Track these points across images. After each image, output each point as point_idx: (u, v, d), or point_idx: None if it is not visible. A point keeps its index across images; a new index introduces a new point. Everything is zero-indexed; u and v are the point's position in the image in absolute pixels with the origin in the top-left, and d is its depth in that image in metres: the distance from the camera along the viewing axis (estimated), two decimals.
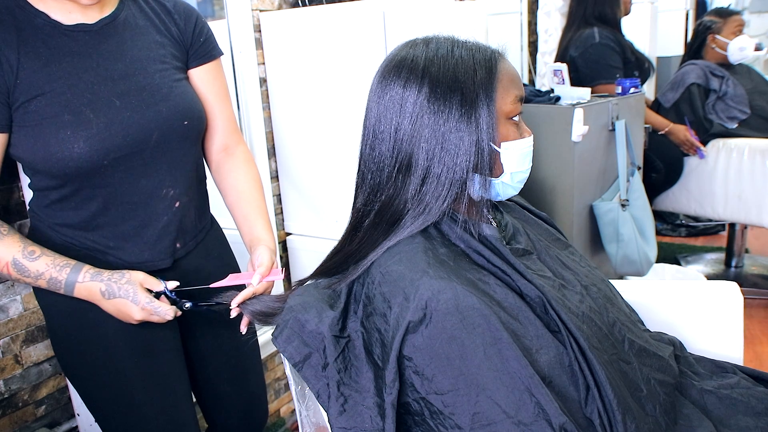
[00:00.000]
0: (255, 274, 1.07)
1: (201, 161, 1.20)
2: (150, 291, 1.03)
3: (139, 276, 1.02)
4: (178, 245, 1.14)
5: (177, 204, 1.11)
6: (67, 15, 0.99)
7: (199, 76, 1.17)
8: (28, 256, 0.98)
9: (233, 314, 1.04)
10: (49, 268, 0.98)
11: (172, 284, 1.05)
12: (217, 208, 1.28)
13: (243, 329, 1.07)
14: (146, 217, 1.08)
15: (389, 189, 0.87)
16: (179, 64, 1.13)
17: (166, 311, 1.02)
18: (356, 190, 0.93)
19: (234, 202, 1.20)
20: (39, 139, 0.96)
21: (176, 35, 1.12)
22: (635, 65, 2.50)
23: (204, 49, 1.16)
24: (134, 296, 1.00)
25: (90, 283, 1.00)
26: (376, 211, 0.88)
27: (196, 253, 1.18)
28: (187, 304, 1.06)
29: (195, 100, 1.13)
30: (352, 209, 0.94)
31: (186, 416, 1.16)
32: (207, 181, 1.25)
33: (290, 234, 2.00)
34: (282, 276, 1.09)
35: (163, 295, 1.04)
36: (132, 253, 1.08)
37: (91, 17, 1.01)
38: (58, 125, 0.96)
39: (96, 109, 0.98)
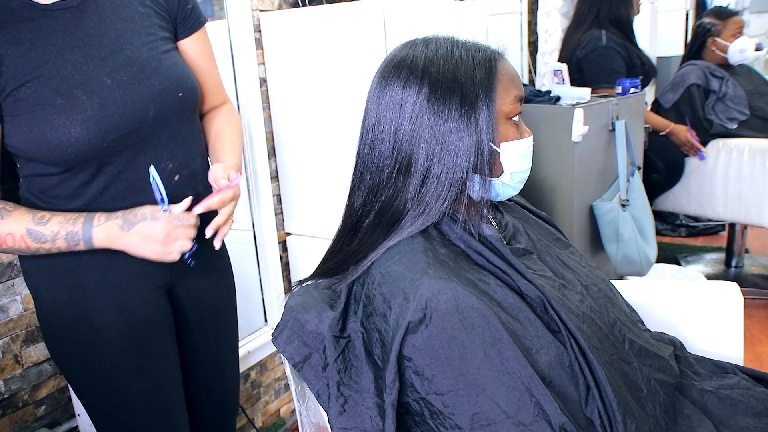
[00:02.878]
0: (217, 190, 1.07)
1: (200, 135, 1.17)
2: None
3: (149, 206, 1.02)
4: None
5: (176, 177, 1.09)
6: None
7: (189, 45, 1.14)
8: (39, 222, 0.96)
9: (209, 235, 1.06)
10: (63, 224, 0.97)
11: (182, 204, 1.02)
12: None
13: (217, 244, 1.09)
14: (146, 193, 1.05)
15: (389, 189, 0.87)
16: (166, 35, 1.09)
17: (187, 217, 1.00)
18: (353, 190, 0.92)
19: (210, 146, 1.19)
20: (34, 127, 0.94)
21: (162, 4, 1.09)
22: (640, 70, 2.49)
23: (192, 18, 1.13)
24: (153, 214, 0.98)
25: (106, 224, 0.98)
26: (375, 212, 0.88)
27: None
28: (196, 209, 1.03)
29: (186, 71, 1.10)
30: (348, 209, 0.93)
31: (175, 411, 1.16)
32: None
33: (290, 234, 2.00)
34: (238, 179, 1.08)
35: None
36: None
37: None
38: (51, 111, 0.94)
39: (88, 90, 0.96)
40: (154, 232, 0.99)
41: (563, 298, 0.89)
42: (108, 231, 0.98)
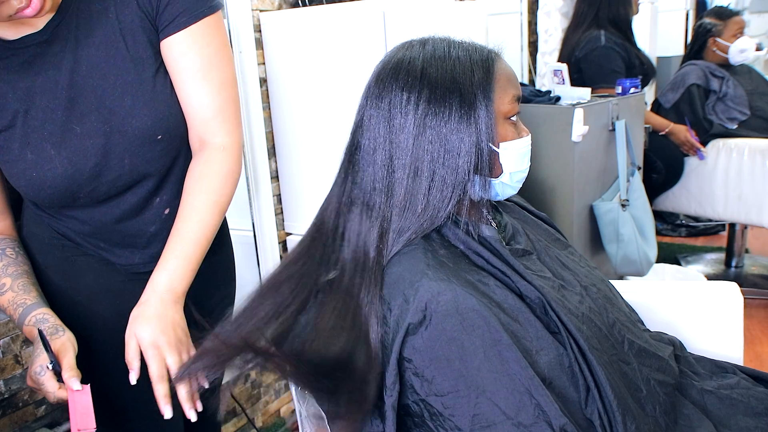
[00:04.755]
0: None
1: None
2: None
3: (65, 342, 0.89)
4: None
5: (167, 211, 1.03)
6: (12, 29, 0.88)
7: (168, 50, 0.94)
8: None
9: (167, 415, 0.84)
10: (8, 306, 0.94)
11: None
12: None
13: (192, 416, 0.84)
14: (133, 227, 1.02)
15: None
16: (149, 52, 0.94)
17: (48, 391, 0.85)
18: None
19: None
20: (12, 175, 0.93)
21: (145, 5, 0.93)
22: (639, 70, 2.50)
23: (168, 15, 0.92)
24: (35, 361, 0.86)
25: (30, 328, 0.91)
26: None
27: None
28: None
29: (167, 103, 0.96)
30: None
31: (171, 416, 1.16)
32: None
33: (290, 234, 2.00)
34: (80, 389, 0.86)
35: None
36: (122, 256, 1.05)
37: (40, 21, 0.89)
38: (24, 165, 0.91)
39: (56, 143, 0.90)
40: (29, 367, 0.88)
41: (562, 299, 0.89)
42: (31, 335, 0.91)
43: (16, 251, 1.02)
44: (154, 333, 0.85)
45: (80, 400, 0.86)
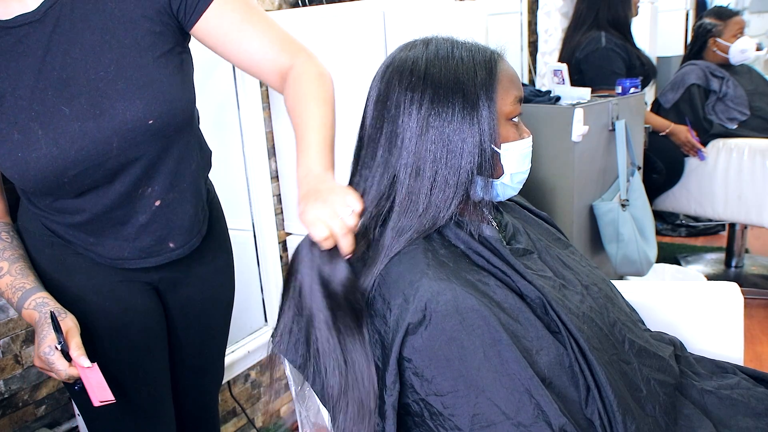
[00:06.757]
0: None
1: (191, 152, 1.06)
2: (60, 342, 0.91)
3: (70, 323, 0.93)
4: (171, 245, 1.07)
5: (157, 203, 1.02)
6: (3, 9, 0.88)
7: (204, 28, 0.97)
8: None
9: None
10: (7, 289, 0.97)
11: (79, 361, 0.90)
12: (224, 202, 1.26)
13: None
14: (122, 216, 1.01)
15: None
16: (151, 39, 0.94)
17: (59, 369, 0.89)
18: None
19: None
20: None
21: (146, 1, 0.94)
22: (640, 71, 2.50)
23: (191, 1, 0.95)
24: (42, 338, 0.91)
25: (32, 312, 0.95)
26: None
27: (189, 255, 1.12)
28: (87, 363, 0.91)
29: (164, 90, 0.95)
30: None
31: (162, 408, 1.16)
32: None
33: (290, 234, 2.00)
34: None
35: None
36: (111, 248, 1.04)
37: (32, 1, 0.89)
38: (10, 146, 0.90)
39: (44, 123, 0.89)
40: (35, 348, 0.93)
41: (563, 298, 0.89)
42: (30, 318, 0.95)
43: (11, 235, 1.02)
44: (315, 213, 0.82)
45: (93, 375, 0.90)
